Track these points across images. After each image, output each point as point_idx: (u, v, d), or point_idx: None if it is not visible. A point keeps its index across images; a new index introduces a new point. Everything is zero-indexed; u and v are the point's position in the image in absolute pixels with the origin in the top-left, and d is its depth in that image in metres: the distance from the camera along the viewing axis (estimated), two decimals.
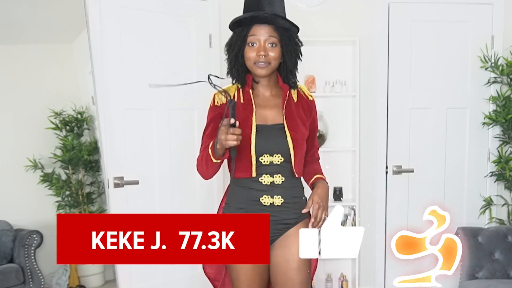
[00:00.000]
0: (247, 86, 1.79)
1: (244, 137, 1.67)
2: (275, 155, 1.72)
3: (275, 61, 1.73)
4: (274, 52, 1.70)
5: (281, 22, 1.69)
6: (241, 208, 1.76)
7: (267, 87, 1.81)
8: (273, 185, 1.73)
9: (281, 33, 1.70)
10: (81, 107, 2.74)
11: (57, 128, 2.68)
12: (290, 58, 1.74)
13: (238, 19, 1.73)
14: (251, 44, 1.71)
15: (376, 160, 3.29)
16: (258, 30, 1.70)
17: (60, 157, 2.69)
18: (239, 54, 1.73)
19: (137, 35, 2.76)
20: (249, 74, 1.79)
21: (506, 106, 3.12)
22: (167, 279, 2.92)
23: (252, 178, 1.72)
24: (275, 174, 1.73)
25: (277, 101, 1.79)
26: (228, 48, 1.78)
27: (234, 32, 1.77)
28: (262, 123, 1.74)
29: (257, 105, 1.77)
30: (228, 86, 1.84)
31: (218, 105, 1.80)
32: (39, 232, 2.57)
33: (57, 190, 2.69)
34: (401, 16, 3.21)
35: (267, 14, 1.67)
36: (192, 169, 3.12)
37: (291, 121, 1.76)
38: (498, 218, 3.23)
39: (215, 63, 3.11)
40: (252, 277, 1.73)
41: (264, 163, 1.72)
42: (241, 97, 1.78)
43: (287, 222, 1.75)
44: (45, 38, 2.70)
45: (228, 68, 1.79)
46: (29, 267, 2.55)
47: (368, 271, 3.34)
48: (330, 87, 3.22)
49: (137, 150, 2.79)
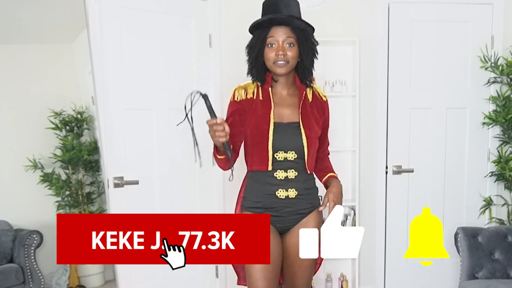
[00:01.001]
0: (266, 84, 1.90)
1: (263, 133, 1.83)
2: (289, 152, 1.85)
3: (293, 60, 1.83)
4: (292, 51, 1.82)
5: (297, 23, 1.81)
6: (258, 202, 1.89)
7: (285, 85, 1.92)
8: (287, 179, 1.86)
9: (298, 33, 1.82)
10: (81, 107, 2.74)
11: (57, 128, 2.68)
12: (307, 57, 1.85)
13: (257, 22, 1.84)
14: (270, 45, 1.82)
15: (376, 160, 3.29)
16: (276, 31, 1.81)
17: (60, 157, 2.69)
18: (259, 55, 1.84)
19: (137, 35, 2.76)
20: (268, 72, 1.89)
21: (506, 106, 3.12)
22: (167, 279, 2.92)
23: (268, 172, 1.85)
24: (289, 169, 1.86)
25: (293, 100, 1.91)
26: (248, 49, 1.88)
27: (253, 35, 1.87)
28: (278, 120, 1.86)
29: (275, 103, 1.88)
30: (248, 82, 1.94)
31: (238, 101, 1.90)
32: (39, 232, 2.57)
33: (57, 190, 2.69)
34: (401, 16, 3.21)
35: (284, 16, 1.79)
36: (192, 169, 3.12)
37: (306, 120, 1.88)
38: (498, 218, 3.23)
39: (215, 63, 3.11)
40: (266, 266, 1.80)
41: (278, 159, 1.85)
42: (260, 94, 1.89)
43: (302, 212, 1.90)
44: (45, 38, 2.70)
45: (249, 68, 1.90)
46: (29, 267, 2.54)
47: (368, 271, 3.34)
48: (330, 87, 3.22)
49: (137, 150, 2.79)
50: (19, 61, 2.62)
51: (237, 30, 3.13)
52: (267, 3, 1.88)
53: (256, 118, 1.86)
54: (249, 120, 1.87)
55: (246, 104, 1.88)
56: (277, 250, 1.86)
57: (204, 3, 3.06)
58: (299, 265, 1.89)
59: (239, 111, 1.88)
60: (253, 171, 1.91)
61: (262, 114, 1.85)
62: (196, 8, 3.03)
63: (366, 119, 3.26)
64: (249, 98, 1.88)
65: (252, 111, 1.87)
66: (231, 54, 3.13)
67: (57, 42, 2.75)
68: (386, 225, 3.31)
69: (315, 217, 1.92)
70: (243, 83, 1.94)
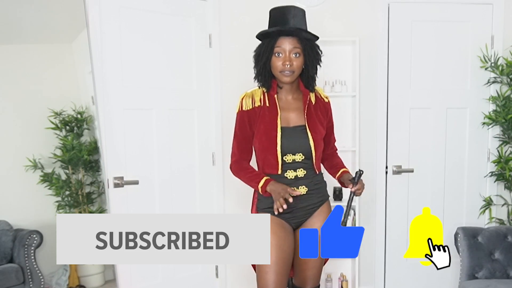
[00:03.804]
0: (272, 91, 2.01)
1: (271, 138, 1.94)
2: (297, 154, 1.97)
3: (299, 69, 1.95)
4: (297, 61, 1.93)
5: (304, 34, 1.92)
6: (272, 202, 1.92)
7: (289, 91, 2.03)
8: (297, 178, 1.98)
9: (304, 44, 1.92)
10: (81, 107, 2.74)
11: (57, 128, 2.68)
12: (312, 66, 1.97)
13: (266, 32, 1.93)
14: (277, 54, 1.93)
15: (376, 160, 3.29)
16: (284, 42, 1.91)
17: (60, 157, 2.69)
18: (267, 63, 1.94)
19: (137, 35, 2.77)
20: (274, 79, 2.00)
21: (506, 106, 3.12)
22: (167, 279, 2.92)
23: (278, 174, 1.97)
24: (298, 169, 1.98)
25: (298, 104, 2.02)
26: (256, 57, 1.98)
27: (262, 43, 1.97)
28: (285, 125, 1.97)
29: (281, 108, 2.00)
30: (254, 89, 2.06)
31: (246, 110, 2.01)
32: (39, 232, 2.57)
33: (57, 190, 2.69)
34: (401, 16, 3.21)
35: (292, 28, 1.89)
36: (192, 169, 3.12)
37: (312, 123, 1.99)
38: (498, 218, 3.23)
39: (214, 63, 3.11)
40: (276, 261, 1.89)
41: (287, 161, 1.97)
42: (266, 101, 2.00)
43: (312, 207, 2.03)
44: (45, 38, 2.70)
45: (256, 75, 2.01)
46: (29, 267, 2.54)
47: (368, 271, 3.34)
48: (330, 87, 3.22)
49: (137, 150, 2.79)
50: (19, 61, 2.62)
51: (237, 30, 3.13)
52: (275, 13, 1.96)
53: (265, 125, 1.97)
54: (258, 127, 1.99)
55: (254, 113, 2.00)
56: (288, 246, 1.96)
57: (204, 3, 3.06)
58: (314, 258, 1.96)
59: (249, 120, 2.01)
60: (265, 173, 2.01)
61: (269, 120, 1.97)
62: (196, 8, 3.03)
63: (366, 119, 3.25)
64: (256, 107, 2.00)
65: (260, 119, 1.99)
66: (231, 54, 3.13)
67: (57, 42, 2.75)
68: (386, 225, 3.31)
69: (326, 209, 2.06)
70: (249, 91, 2.05)
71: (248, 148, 2.07)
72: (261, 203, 2.04)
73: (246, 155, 2.08)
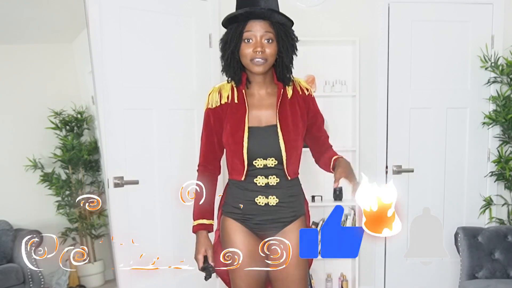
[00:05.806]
0: (241, 85, 1.75)
1: (237, 140, 1.69)
2: (268, 159, 1.71)
3: (272, 58, 1.69)
4: (270, 48, 1.67)
5: (277, 17, 1.66)
6: (237, 208, 1.77)
7: (262, 84, 1.76)
8: (268, 186, 1.72)
9: (277, 28, 1.67)
10: (81, 107, 2.74)
11: (57, 128, 2.68)
12: (286, 54, 1.70)
13: (233, 15, 1.68)
14: (247, 40, 1.67)
15: (376, 160, 3.29)
16: (254, 26, 1.66)
17: (60, 157, 2.69)
18: (235, 51, 1.69)
19: (137, 35, 2.76)
20: (243, 72, 1.75)
21: (506, 106, 3.12)
22: (167, 279, 2.92)
23: (242, 181, 1.73)
24: (270, 176, 1.72)
25: (273, 100, 1.75)
26: (223, 45, 1.73)
27: (229, 28, 1.71)
28: (256, 124, 1.72)
29: (252, 105, 1.74)
30: (222, 83, 1.81)
31: (213, 108, 1.77)
32: (39, 232, 2.57)
33: (57, 190, 2.69)
34: (401, 16, 3.21)
35: (263, 9, 1.64)
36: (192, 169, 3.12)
37: (285, 121, 1.72)
38: (498, 218, 3.23)
39: (215, 63, 3.10)
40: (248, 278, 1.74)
41: (258, 166, 1.71)
42: (235, 97, 1.75)
43: (283, 221, 1.75)
44: (45, 38, 2.70)
45: (223, 66, 1.76)
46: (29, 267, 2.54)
47: (368, 271, 3.34)
48: (330, 87, 3.22)
49: (137, 150, 2.79)
50: (19, 61, 2.62)
51: None
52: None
53: (231, 125, 1.72)
54: (224, 127, 1.75)
55: (221, 111, 1.75)
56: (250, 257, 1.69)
57: (204, 3, 3.06)
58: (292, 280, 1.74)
59: (214, 119, 1.77)
60: (231, 180, 1.80)
61: (236, 119, 1.71)
62: (196, 8, 3.03)
63: (366, 119, 3.25)
64: (223, 104, 1.75)
65: (227, 118, 1.74)
66: None
67: (57, 42, 2.75)
68: None
69: (299, 225, 1.75)
70: (217, 85, 1.82)
71: (211, 152, 1.81)
72: (227, 206, 1.83)
73: (210, 161, 1.81)
